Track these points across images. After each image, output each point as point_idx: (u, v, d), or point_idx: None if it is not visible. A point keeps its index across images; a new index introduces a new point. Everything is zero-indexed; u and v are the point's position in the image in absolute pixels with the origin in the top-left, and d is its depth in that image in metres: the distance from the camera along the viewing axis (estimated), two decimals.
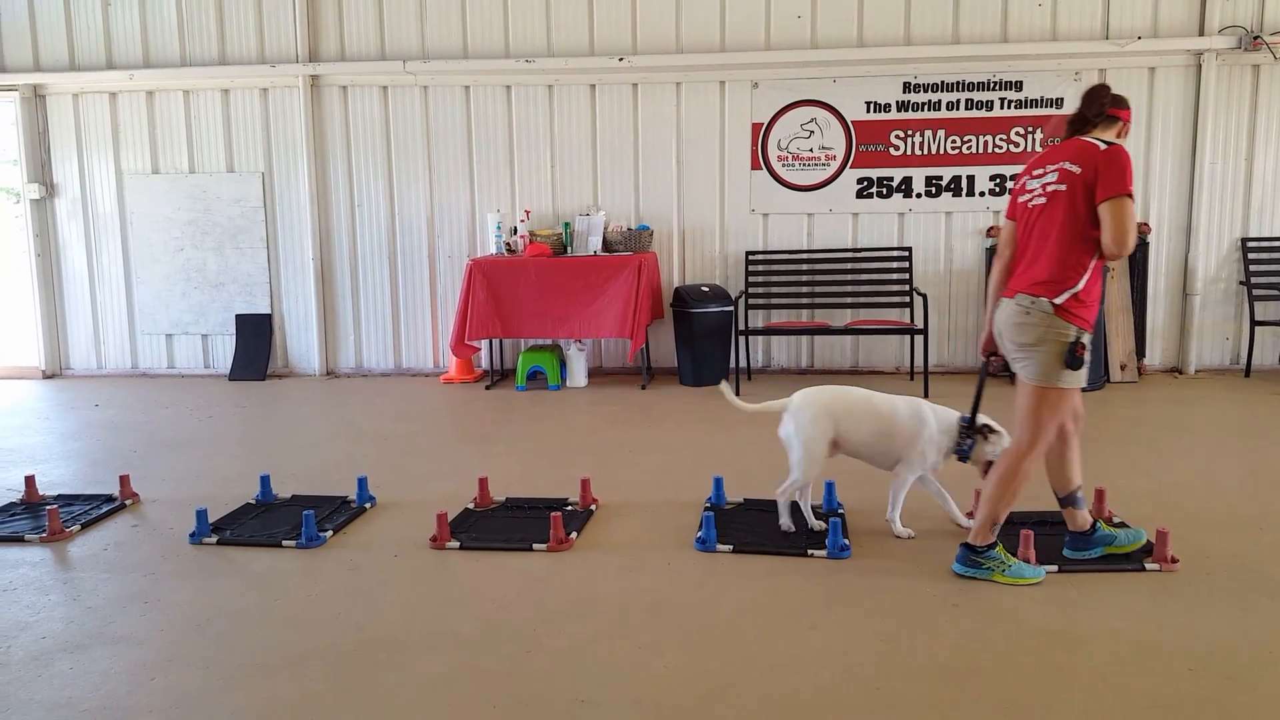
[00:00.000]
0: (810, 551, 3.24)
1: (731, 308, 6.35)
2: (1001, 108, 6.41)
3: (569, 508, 3.76)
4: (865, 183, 6.57)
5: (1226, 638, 2.59)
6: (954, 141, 6.47)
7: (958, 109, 6.44)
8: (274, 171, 6.97)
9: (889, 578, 3.04)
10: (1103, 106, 2.90)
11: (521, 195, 6.81)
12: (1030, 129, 6.41)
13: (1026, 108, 6.39)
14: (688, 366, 6.40)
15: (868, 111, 6.51)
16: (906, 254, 6.50)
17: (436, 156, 6.85)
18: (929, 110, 6.47)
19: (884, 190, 6.57)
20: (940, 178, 6.52)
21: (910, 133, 6.50)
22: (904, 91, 6.47)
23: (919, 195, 6.54)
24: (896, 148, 6.52)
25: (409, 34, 6.72)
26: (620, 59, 6.49)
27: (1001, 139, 6.44)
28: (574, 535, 3.44)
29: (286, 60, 6.77)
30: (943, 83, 6.42)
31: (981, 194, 6.49)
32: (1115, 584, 2.96)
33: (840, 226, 6.65)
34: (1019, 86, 6.38)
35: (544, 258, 6.26)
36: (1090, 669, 2.44)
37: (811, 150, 6.59)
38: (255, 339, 7.07)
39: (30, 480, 4.05)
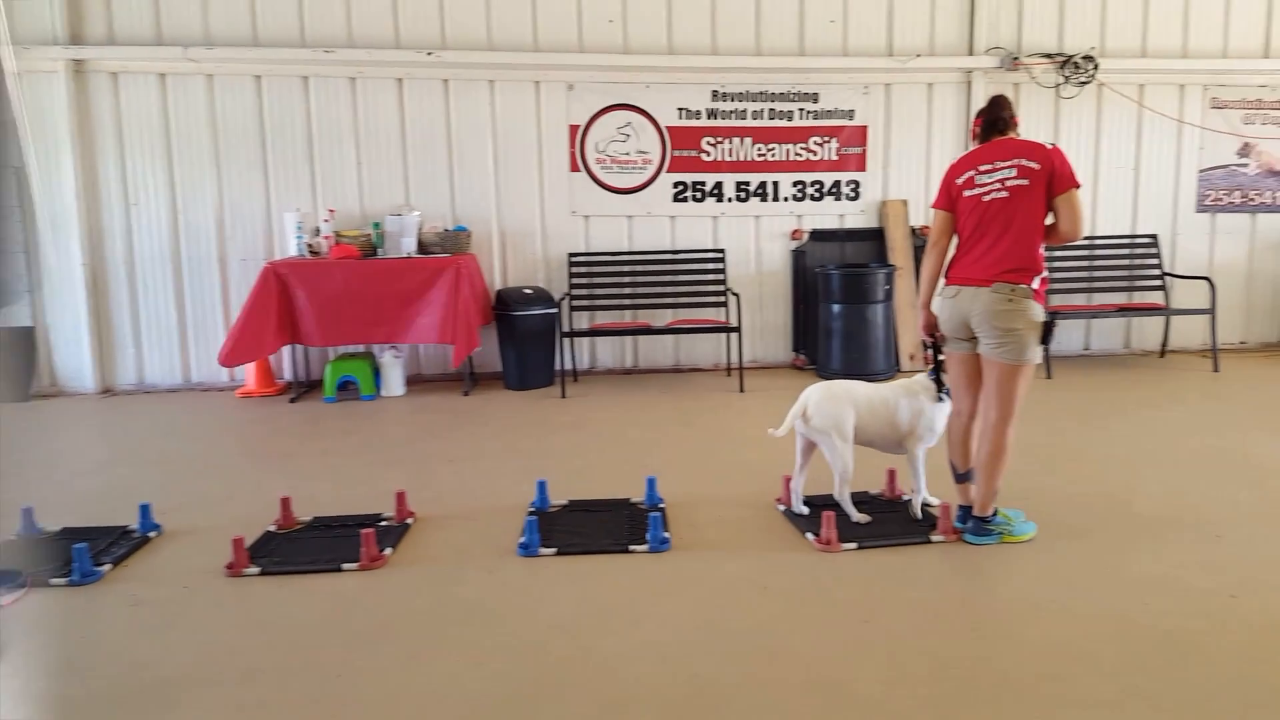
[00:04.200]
0: (631, 547, 3.25)
1: (555, 310, 6.31)
2: (800, 118, 6.79)
3: (383, 523, 3.57)
4: (680, 187, 6.75)
5: (1003, 599, 2.86)
6: (760, 149, 6.78)
7: (762, 118, 6.75)
8: (32, 166, 6.14)
9: (707, 567, 3.11)
10: (1012, 111, 3.27)
11: (325, 194, 6.42)
12: (825, 139, 6.83)
13: (822, 118, 6.81)
14: (513, 370, 6.29)
15: (680, 117, 6.69)
16: (720, 256, 6.74)
17: (225, 152, 6.31)
18: (736, 118, 6.74)
19: (698, 194, 6.78)
20: (749, 183, 6.81)
21: (720, 139, 6.74)
22: (713, 99, 6.70)
23: (730, 200, 6.80)
24: (708, 154, 6.74)
25: (190, 17, 6.15)
26: (429, 53, 6.27)
27: (801, 147, 6.81)
28: (388, 551, 3.26)
29: (43, 42, 6.00)
30: (748, 92, 6.71)
31: (785, 199, 6.85)
32: (907, 556, 3.19)
33: (659, 229, 6.78)
34: (815, 98, 6.79)
35: (353, 260, 5.94)
36: (888, 637, 2.60)
37: (628, 154, 6.68)
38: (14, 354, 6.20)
39: None
